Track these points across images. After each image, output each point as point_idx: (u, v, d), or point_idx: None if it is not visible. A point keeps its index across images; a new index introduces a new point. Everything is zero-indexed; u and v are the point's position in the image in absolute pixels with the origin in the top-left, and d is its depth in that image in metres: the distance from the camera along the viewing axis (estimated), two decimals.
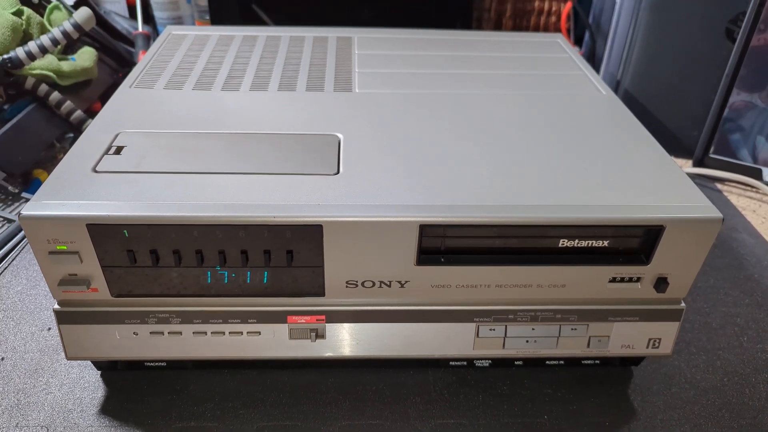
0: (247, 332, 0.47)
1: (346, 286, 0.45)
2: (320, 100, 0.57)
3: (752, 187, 0.85)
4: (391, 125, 0.53)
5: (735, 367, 0.55)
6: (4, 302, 0.59)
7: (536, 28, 1.10)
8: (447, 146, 0.50)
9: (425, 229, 0.42)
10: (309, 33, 0.74)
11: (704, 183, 0.85)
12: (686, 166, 0.87)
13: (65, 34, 0.78)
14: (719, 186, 0.86)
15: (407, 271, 0.45)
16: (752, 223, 0.77)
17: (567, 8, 1.05)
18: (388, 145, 0.50)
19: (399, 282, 0.45)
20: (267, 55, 0.68)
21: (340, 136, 0.51)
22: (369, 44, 0.72)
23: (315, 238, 0.42)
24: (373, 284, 0.45)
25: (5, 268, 0.64)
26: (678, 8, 0.84)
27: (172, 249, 0.42)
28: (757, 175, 0.84)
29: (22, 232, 0.68)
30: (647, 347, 0.50)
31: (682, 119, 0.91)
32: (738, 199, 0.83)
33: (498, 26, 1.11)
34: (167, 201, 0.41)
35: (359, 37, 0.74)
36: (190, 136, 0.50)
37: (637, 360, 0.55)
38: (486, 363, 0.54)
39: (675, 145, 0.56)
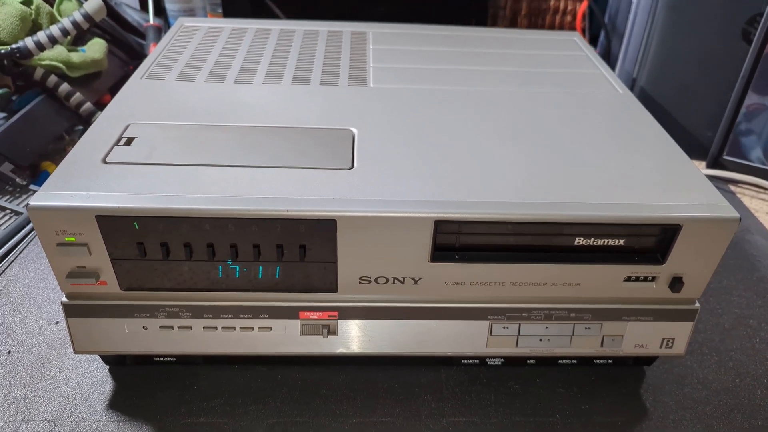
0: (258, 327, 0.47)
1: (359, 282, 0.45)
2: (334, 94, 0.57)
3: (765, 189, 0.84)
4: (406, 120, 0.52)
5: (747, 368, 0.55)
6: (12, 295, 0.59)
7: (551, 27, 1.09)
8: (462, 142, 0.49)
9: (440, 225, 0.42)
10: (323, 27, 0.74)
11: (717, 184, 0.84)
12: (700, 167, 0.86)
13: (75, 24, 0.77)
14: (732, 188, 0.85)
15: (421, 268, 0.44)
16: (765, 225, 0.77)
17: (583, 7, 1.05)
18: (403, 140, 0.49)
19: (413, 278, 0.45)
20: (280, 48, 0.67)
21: (355, 130, 0.50)
22: (384, 39, 0.71)
23: (328, 233, 0.42)
24: (387, 280, 0.45)
25: (12, 261, 0.63)
26: (694, 9, 0.83)
27: (183, 242, 0.42)
28: None
29: (30, 225, 0.67)
30: (660, 347, 0.50)
31: (696, 120, 0.90)
32: (751, 201, 0.83)
33: (513, 24, 1.10)
34: (178, 193, 0.41)
35: (374, 32, 0.74)
36: (202, 128, 0.49)
37: (649, 360, 0.54)
38: (498, 361, 0.53)
39: (689, 146, 0.55)
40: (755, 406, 0.51)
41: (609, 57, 1.03)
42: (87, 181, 0.42)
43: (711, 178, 0.84)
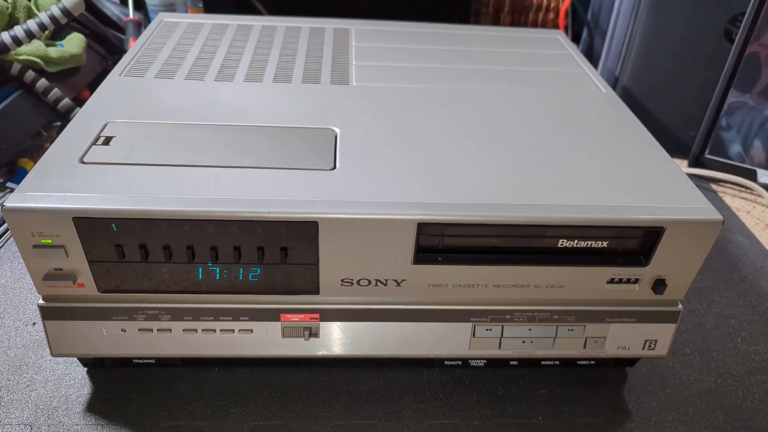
0: (239, 330, 0.46)
1: (341, 285, 0.45)
2: (317, 92, 0.56)
3: (747, 188, 0.85)
4: (389, 120, 0.52)
5: (729, 369, 0.55)
6: None
7: (534, 24, 1.09)
8: (445, 142, 0.49)
9: (423, 228, 0.42)
10: (305, 24, 0.73)
11: (699, 183, 0.85)
12: (682, 166, 0.87)
13: (53, 19, 0.76)
14: (714, 186, 0.86)
15: (404, 270, 0.44)
16: (746, 224, 0.77)
17: (566, 5, 1.05)
18: (386, 140, 0.49)
19: (395, 281, 0.44)
20: (262, 45, 0.66)
21: (337, 130, 0.50)
22: (366, 36, 0.71)
23: (310, 235, 0.41)
24: (369, 283, 0.44)
25: None
26: (677, 8, 0.84)
27: (162, 244, 0.41)
28: (751, 176, 0.84)
29: (6, 224, 0.66)
30: (643, 349, 0.50)
31: (679, 118, 0.91)
32: (732, 200, 0.83)
33: (496, 21, 1.10)
34: (157, 194, 0.40)
35: (356, 29, 0.73)
36: (181, 127, 0.49)
37: (632, 361, 0.54)
38: (481, 363, 0.53)
39: (671, 144, 0.55)
40: (737, 407, 0.52)
41: (591, 55, 1.03)
42: (64, 181, 0.41)
43: (693, 176, 0.85)
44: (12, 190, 0.72)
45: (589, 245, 0.44)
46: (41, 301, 0.44)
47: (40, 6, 0.83)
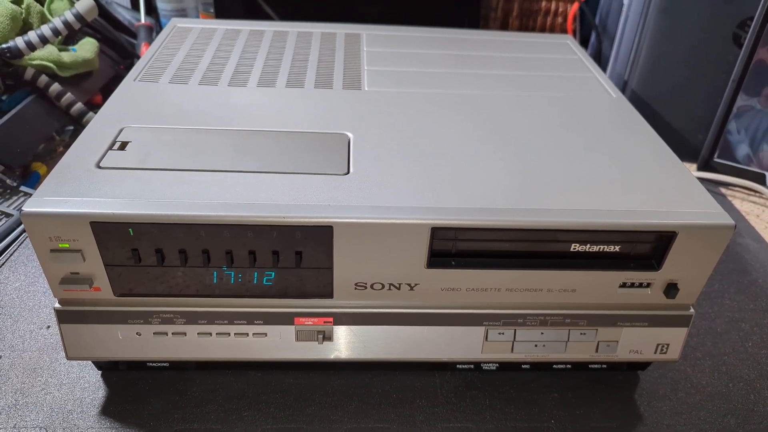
0: (253, 333, 0.47)
1: (355, 288, 0.45)
2: (329, 97, 0.56)
3: (756, 192, 0.85)
4: (402, 125, 0.52)
5: (740, 373, 0.55)
6: (2, 299, 0.58)
7: (543, 29, 1.10)
8: (458, 147, 0.49)
9: (437, 232, 0.42)
10: (317, 29, 0.74)
11: (708, 187, 0.85)
12: (691, 169, 0.87)
13: (66, 24, 0.76)
14: (723, 190, 0.86)
15: (417, 274, 0.44)
16: (756, 228, 0.77)
17: (574, 9, 1.05)
18: (399, 144, 0.49)
19: (408, 285, 0.45)
20: (274, 50, 0.67)
21: (350, 135, 0.50)
22: (378, 41, 0.71)
23: (325, 239, 0.41)
24: (383, 286, 0.45)
25: (3, 264, 0.63)
26: (686, 12, 0.84)
27: (177, 248, 0.42)
28: (760, 179, 0.84)
29: (21, 227, 0.67)
30: (655, 353, 0.50)
31: (687, 122, 0.91)
32: (742, 203, 0.83)
33: (504, 26, 1.10)
34: (174, 199, 0.41)
35: (368, 34, 0.73)
36: (196, 132, 0.49)
37: (644, 365, 0.54)
38: (493, 366, 0.53)
39: (680, 148, 0.55)
40: (748, 411, 0.52)
41: (600, 59, 1.03)
42: (81, 186, 0.41)
43: (702, 180, 0.84)
44: (26, 193, 0.73)
45: (601, 249, 0.44)
46: (57, 305, 0.45)
47: (54, 11, 0.84)
